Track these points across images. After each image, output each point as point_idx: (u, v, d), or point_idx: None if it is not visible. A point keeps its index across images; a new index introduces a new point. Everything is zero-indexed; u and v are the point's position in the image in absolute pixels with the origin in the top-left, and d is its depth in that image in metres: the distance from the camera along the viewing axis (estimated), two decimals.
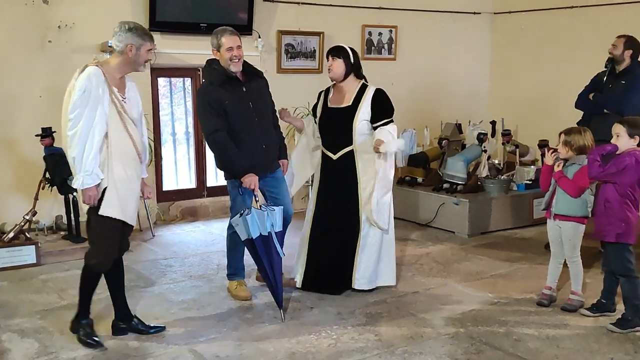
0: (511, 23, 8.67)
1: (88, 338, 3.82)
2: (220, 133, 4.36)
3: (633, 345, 3.96)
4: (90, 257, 3.80)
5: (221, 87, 4.39)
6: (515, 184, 6.98)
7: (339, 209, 4.82)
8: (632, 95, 5.50)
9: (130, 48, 3.70)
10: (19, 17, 5.99)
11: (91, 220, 3.78)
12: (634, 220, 4.19)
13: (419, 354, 3.83)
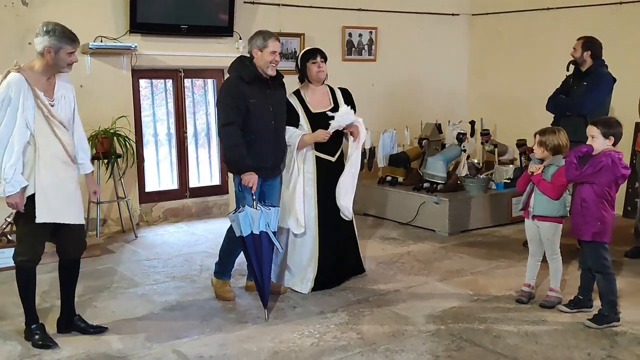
0: (489, 24, 8.72)
1: (43, 341, 3.79)
2: (234, 127, 4.33)
3: (609, 341, 4.00)
4: (18, 254, 3.78)
5: (250, 85, 4.39)
6: (494, 183, 7.02)
7: (339, 210, 4.88)
8: (593, 95, 5.55)
9: (49, 50, 3.62)
10: (1, 19, 5.95)
11: (19, 220, 3.76)
12: (610, 220, 4.24)
13: (401, 352, 3.85)
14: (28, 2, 6.06)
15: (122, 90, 6.64)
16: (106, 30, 6.44)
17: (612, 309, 4.24)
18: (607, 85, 5.62)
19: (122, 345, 3.94)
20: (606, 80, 5.62)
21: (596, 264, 4.30)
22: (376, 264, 5.58)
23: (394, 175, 7.28)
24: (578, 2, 7.57)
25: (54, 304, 4.18)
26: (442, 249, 6.10)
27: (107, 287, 5.01)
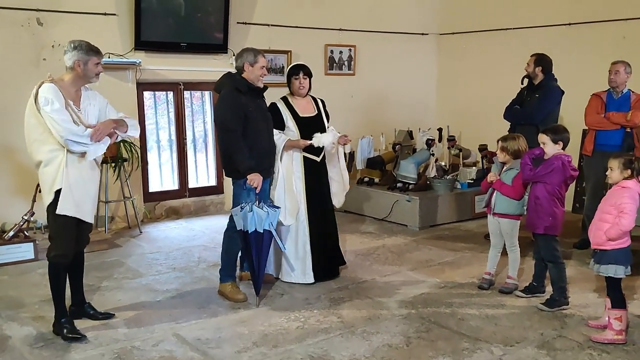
0: (454, 43, 8.76)
1: (72, 334, 3.74)
2: (236, 133, 4.29)
3: (560, 322, 4.04)
4: (51, 251, 3.74)
5: (245, 95, 4.37)
6: (459, 183, 7.06)
7: (324, 203, 4.88)
8: (543, 106, 5.62)
9: (79, 64, 3.65)
10: (17, 37, 5.91)
11: (49, 219, 3.73)
12: (560, 215, 4.28)
13: (376, 333, 3.86)
14: (43, 23, 6.00)
15: (128, 101, 6.59)
16: (113, 47, 6.41)
17: (562, 294, 4.29)
18: (556, 97, 5.69)
19: (127, 330, 3.93)
20: (555, 93, 5.69)
21: (548, 254, 4.33)
22: (355, 255, 5.59)
23: (371, 177, 7.29)
24: (532, 24, 7.63)
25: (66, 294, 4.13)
26: (413, 241, 6.11)
27: (114, 277, 4.98)
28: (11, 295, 4.55)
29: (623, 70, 5.51)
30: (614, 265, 3.71)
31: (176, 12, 6.61)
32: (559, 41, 7.24)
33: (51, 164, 3.63)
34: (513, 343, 3.72)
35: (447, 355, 3.55)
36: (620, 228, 3.64)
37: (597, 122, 5.58)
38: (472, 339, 3.77)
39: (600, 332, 3.79)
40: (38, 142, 3.63)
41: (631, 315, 4.00)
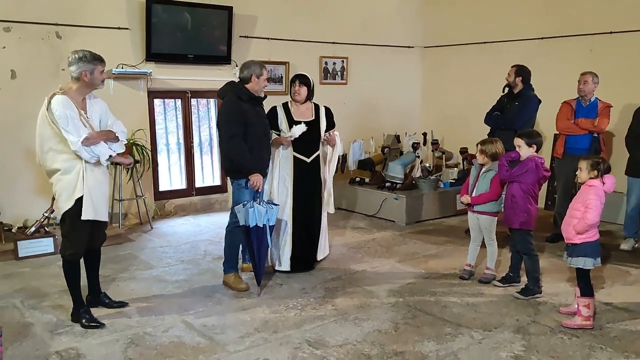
0: (438, 55, 8.78)
1: (91, 322, 3.72)
2: (237, 138, 4.28)
3: (533, 309, 4.05)
4: (65, 249, 3.72)
5: (247, 103, 4.36)
6: (442, 183, 7.06)
7: (311, 202, 4.83)
8: (524, 113, 5.64)
9: (85, 74, 3.60)
10: (38, 49, 5.89)
11: (65, 219, 3.68)
12: (534, 212, 4.30)
13: (367, 320, 3.86)
14: (62, 36, 5.98)
15: (139, 108, 6.59)
16: (126, 59, 6.39)
17: (536, 283, 4.30)
18: (535, 105, 5.71)
19: (140, 317, 3.92)
20: (534, 102, 5.71)
21: (523, 247, 4.35)
22: (347, 248, 5.60)
23: (362, 177, 7.29)
24: (508, 38, 7.65)
25: (83, 284, 4.10)
26: (400, 236, 6.12)
27: (128, 269, 4.97)
28: (33, 286, 4.54)
29: (591, 80, 5.54)
30: (583, 257, 3.73)
31: (184, 26, 6.60)
32: (533, 53, 7.26)
33: (70, 172, 3.59)
34: (491, 328, 3.73)
35: (431, 340, 3.56)
36: (586, 222, 3.66)
37: (567, 128, 5.60)
38: (454, 325, 3.78)
39: (570, 318, 3.82)
40: (54, 152, 3.59)
41: (598, 302, 4.03)
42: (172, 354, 3.38)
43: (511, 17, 7.66)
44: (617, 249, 5.47)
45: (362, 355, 3.35)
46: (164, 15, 6.43)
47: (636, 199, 5.46)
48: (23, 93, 5.76)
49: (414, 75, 9.01)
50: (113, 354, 3.38)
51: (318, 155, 4.83)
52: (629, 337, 3.59)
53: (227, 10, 6.83)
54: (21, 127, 5.76)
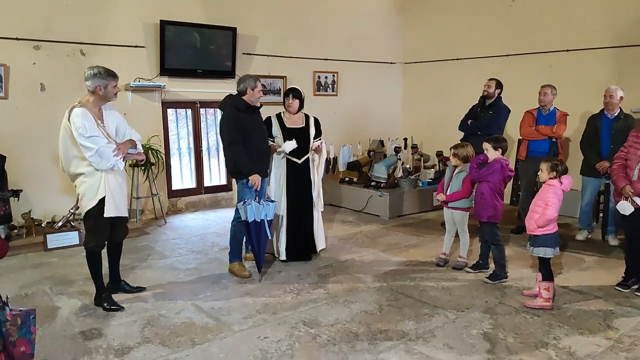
0: (416, 70, 8.79)
1: (112, 306, 3.71)
2: (237, 144, 4.28)
3: (500, 292, 4.07)
4: (88, 242, 3.71)
5: (244, 113, 4.36)
6: (421, 182, 7.08)
7: (302, 198, 4.80)
8: (497, 121, 5.70)
9: (100, 88, 3.56)
10: (65, 65, 5.86)
11: (89, 217, 3.65)
12: (500, 207, 4.32)
13: (355, 302, 3.87)
14: (85, 53, 5.96)
15: (154, 117, 6.56)
16: (143, 73, 6.36)
17: (502, 270, 4.32)
18: (506, 114, 5.78)
19: (155, 301, 3.91)
20: (506, 111, 5.78)
21: (491, 238, 4.36)
22: (338, 240, 5.60)
23: (351, 177, 7.30)
24: (477, 55, 7.68)
25: (105, 272, 4.08)
26: (384, 228, 6.12)
27: (144, 259, 4.95)
28: (60, 274, 4.52)
29: (550, 92, 5.57)
30: (544, 247, 3.75)
31: (193, 45, 6.58)
32: (499, 69, 7.28)
33: (93, 176, 3.57)
34: (463, 309, 3.74)
35: (411, 319, 3.57)
36: (546, 217, 3.68)
37: (530, 134, 5.63)
38: (431, 306, 3.79)
39: (532, 300, 3.83)
40: (77, 158, 3.56)
41: (557, 286, 4.05)
42: (184, 333, 3.37)
43: (479, 37, 7.69)
44: (573, 240, 5.50)
45: (351, 333, 3.36)
46: (175, 35, 6.41)
47: (589, 195, 5.49)
48: (51, 104, 5.73)
49: (396, 87, 9.02)
50: (131, 334, 3.37)
51: (308, 157, 4.81)
52: (582, 316, 3.62)
53: (231, 30, 6.82)
54: (50, 134, 5.69)
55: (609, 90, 5.22)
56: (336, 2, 8.05)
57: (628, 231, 4.14)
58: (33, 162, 5.75)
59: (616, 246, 5.25)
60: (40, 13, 5.68)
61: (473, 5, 7.74)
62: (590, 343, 3.23)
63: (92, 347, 3.18)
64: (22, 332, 2.39)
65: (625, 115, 5.23)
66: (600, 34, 6.41)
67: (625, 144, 4.09)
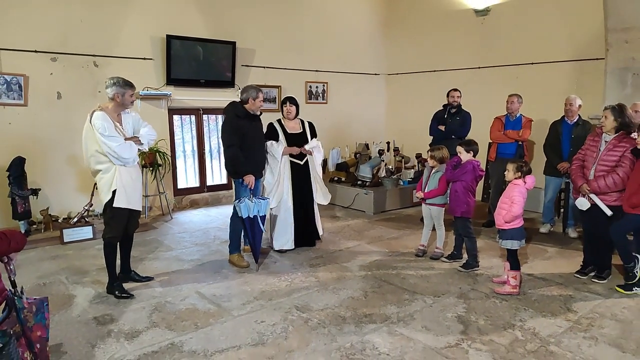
0: (398, 80, 8.80)
1: (122, 293, 3.70)
2: (234, 147, 4.29)
3: (473, 279, 4.10)
4: (106, 233, 3.71)
5: (243, 119, 4.35)
6: (402, 181, 7.09)
7: (305, 195, 4.83)
8: (466, 124, 5.80)
9: (117, 96, 3.59)
10: (80, 75, 5.79)
11: (106, 209, 3.67)
12: (472, 203, 4.34)
13: (343, 289, 3.87)
14: (98, 65, 5.89)
15: (161, 122, 6.51)
16: (150, 83, 6.31)
17: (474, 259, 4.35)
18: (470, 118, 5.83)
19: (162, 289, 3.89)
20: (470, 115, 5.86)
21: (464, 231, 4.39)
22: (328, 233, 5.58)
23: (339, 176, 7.29)
24: (452, 67, 7.70)
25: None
26: (369, 223, 6.13)
27: (152, 251, 4.92)
28: (76, 265, 4.47)
29: (516, 100, 5.60)
30: (511, 240, 3.77)
31: (197, 57, 6.53)
32: (471, 80, 7.33)
33: (108, 172, 3.60)
34: (440, 294, 3.76)
35: (393, 304, 3.58)
36: (512, 213, 3.71)
37: (498, 137, 5.66)
38: (411, 292, 3.80)
39: (501, 286, 3.86)
40: (97, 156, 3.58)
41: (523, 274, 4.08)
42: (188, 318, 3.36)
43: (454, 51, 7.72)
44: (537, 232, 5.55)
45: (339, 317, 3.36)
46: (180, 49, 6.37)
47: (552, 193, 5.53)
48: (67, 110, 5.67)
49: (380, 96, 9.02)
50: (140, 319, 3.34)
51: (307, 159, 4.84)
52: (545, 301, 3.65)
53: (231, 44, 6.78)
54: (65, 138, 5.68)
55: (569, 99, 5.27)
56: (326, 19, 8.04)
57: (585, 225, 4.18)
58: (51, 164, 5.69)
59: (575, 238, 5.30)
60: (57, 28, 5.61)
61: (448, 23, 7.77)
62: (552, 324, 3.25)
63: (104, 332, 3.16)
64: (38, 318, 2.37)
65: (584, 122, 5.27)
66: (562, 49, 6.46)
67: (583, 147, 4.12)
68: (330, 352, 2.89)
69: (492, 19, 7.22)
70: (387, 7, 8.79)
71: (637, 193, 3.59)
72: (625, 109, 3.83)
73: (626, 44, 5.19)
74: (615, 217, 3.81)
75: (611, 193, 3.81)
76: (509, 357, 2.85)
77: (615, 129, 3.83)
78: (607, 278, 4.01)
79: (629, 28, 5.13)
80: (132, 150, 3.62)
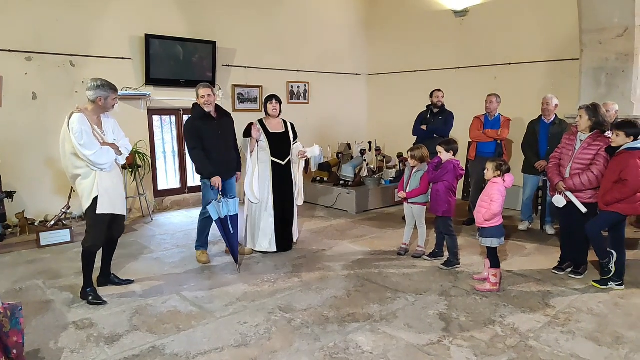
0: (379, 81, 8.86)
1: (96, 299, 3.61)
2: (197, 150, 4.27)
3: (454, 277, 4.14)
4: (86, 242, 3.60)
5: (199, 120, 4.30)
6: (384, 180, 7.13)
7: (286, 195, 4.80)
8: (449, 124, 5.86)
9: (100, 100, 3.50)
10: (56, 75, 5.66)
11: (87, 215, 3.56)
12: (454, 202, 4.39)
13: (326, 289, 3.88)
14: (75, 64, 5.77)
15: (141, 123, 6.42)
16: (129, 83, 6.22)
17: (455, 257, 4.40)
18: (453, 117, 5.90)
19: (143, 292, 3.84)
20: (452, 115, 5.91)
21: (445, 229, 4.44)
22: (310, 233, 5.59)
23: (322, 176, 7.30)
24: (432, 67, 7.79)
25: (95, 267, 3.98)
26: (352, 222, 6.15)
27: (133, 253, 4.84)
28: (53, 269, 4.38)
29: (495, 100, 5.70)
30: (491, 238, 3.83)
31: (176, 57, 6.46)
32: (451, 80, 7.42)
33: (88, 177, 3.49)
34: (422, 292, 3.79)
35: (376, 302, 3.60)
36: (491, 212, 3.76)
37: (478, 137, 5.74)
38: (393, 290, 3.83)
39: (481, 284, 3.91)
40: (75, 160, 3.47)
41: (503, 271, 4.14)
42: (170, 321, 3.32)
43: (434, 52, 7.80)
44: (516, 230, 5.64)
45: (322, 317, 3.36)
46: (160, 48, 6.29)
47: (530, 190, 5.63)
48: (43, 111, 5.55)
49: (361, 96, 9.06)
50: (121, 323, 3.29)
51: (290, 159, 4.82)
52: (524, 297, 3.71)
53: (211, 44, 6.73)
54: (41, 140, 5.56)
55: (545, 98, 5.37)
56: (308, 20, 8.04)
57: (562, 222, 4.27)
58: (26, 165, 5.55)
59: (552, 235, 5.41)
60: (32, 26, 5.48)
61: (428, 23, 7.85)
62: (531, 320, 3.32)
63: (84, 336, 3.10)
64: (13, 324, 2.32)
65: (560, 121, 5.39)
66: (538, 50, 6.59)
67: (560, 146, 4.21)
68: (314, 352, 2.90)
69: (470, 20, 7.33)
70: (368, 7, 8.83)
71: (611, 191, 3.69)
72: (599, 108, 3.92)
73: (600, 45, 5.32)
74: (590, 214, 3.90)
75: (586, 190, 3.90)
76: (489, 352, 2.89)
77: (590, 127, 3.92)
78: (583, 273, 4.11)
79: (602, 29, 5.26)
80: (108, 155, 3.50)
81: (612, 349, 2.93)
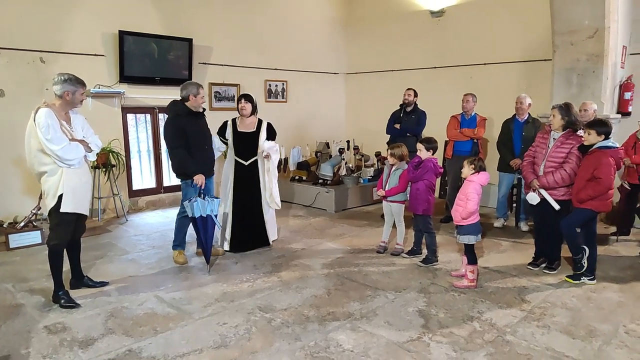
0: (357, 80, 8.89)
1: (68, 303, 3.50)
2: (180, 148, 4.18)
3: (432, 274, 4.18)
4: (51, 240, 3.49)
5: (185, 118, 4.22)
6: (362, 179, 7.16)
7: (249, 196, 4.75)
8: (421, 123, 5.90)
9: (68, 94, 3.39)
10: (25, 72, 5.48)
11: (52, 214, 3.46)
12: (433, 201, 4.43)
13: (306, 288, 3.86)
14: (45, 61, 5.60)
15: (114, 121, 6.27)
16: (102, 80, 6.07)
17: (434, 254, 4.44)
18: (425, 116, 5.95)
19: (118, 294, 3.74)
20: (424, 114, 5.96)
21: (425, 227, 4.47)
22: (289, 232, 5.57)
23: (300, 175, 7.28)
24: (409, 67, 7.86)
25: (66, 269, 3.86)
26: (331, 221, 6.15)
27: (107, 255, 4.73)
28: (23, 272, 4.24)
29: (471, 99, 5.78)
30: (468, 235, 3.87)
31: (151, 54, 6.33)
32: (427, 79, 7.50)
33: (54, 175, 3.38)
34: (401, 289, 3.82)
35: (356, 300, 3.60)
36: (468, 210, 3.81)
37: (455, 135, 5.82)
38: (373, 288, 3.84)
39: (459, 280, 3.96)
40: (40, 157, 3.36)
41: (480, 267, 4.20)
42: (147, 323, 3.25)
43: (411, 52, 7.88)
44: (492, 227, 5.74)
45: (302, 316, 3.35)
46: (134, 45, 6.15)
47: (505, 188, 5.74)
48: (12, 109, 5.36)
49: (339, 95, 9.08)
50: (95, 326, 3.21)
51: (256, 160, 4.74)
52: (501, 292, 3.78)
53: (187, 41, 6.62)
54: (11, 138, 5.36)
55: (519, 97, 5.48)
56: (286, 18, 8.01)
57: (536, 218, 4.36)
58: None
59: (527, 231, 5.53)
60: (1, 21, 5.29)
61: (406, 23, 7.92)
62: (507, 315, 3.38)
63: (56, 341, 3.01)
64: None
65: (533, 120, 5.50)
66: (513, 51, 6.73)
67: (533, 144, 4.30)
68: (295, 352, 2.88)
69: (447, 21, 7.42)
70: (346, 7, 8.85)
71: (584, 189, 3.79)
72: (572, 108, 4.02)
73: (571, 46, 5.47)
74: (562, 211, 4.00)
75: (559, 188, 3.99)
76: (468, 348, 2.93)
77: (563, 126, 4.02)
78: (557, 269, 4.21)
79: (573, 31, 5.41)
80: (77, 151, 3.39)
81: (586, 342, 3.01)
